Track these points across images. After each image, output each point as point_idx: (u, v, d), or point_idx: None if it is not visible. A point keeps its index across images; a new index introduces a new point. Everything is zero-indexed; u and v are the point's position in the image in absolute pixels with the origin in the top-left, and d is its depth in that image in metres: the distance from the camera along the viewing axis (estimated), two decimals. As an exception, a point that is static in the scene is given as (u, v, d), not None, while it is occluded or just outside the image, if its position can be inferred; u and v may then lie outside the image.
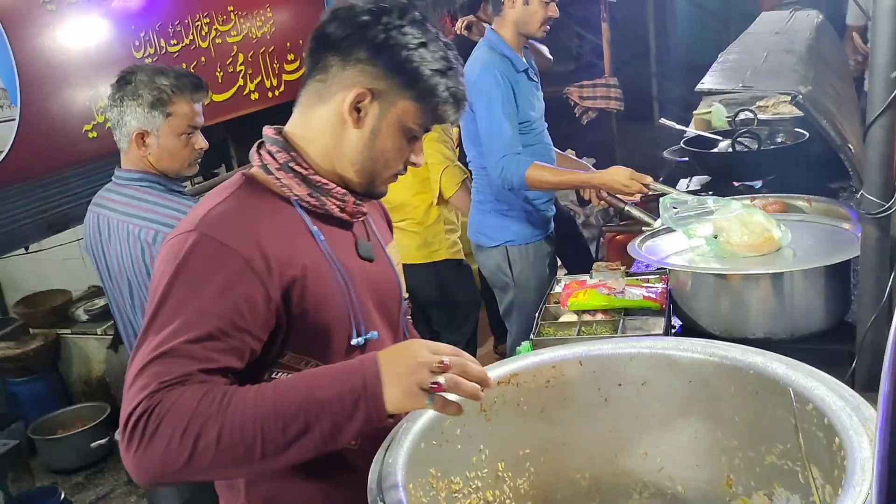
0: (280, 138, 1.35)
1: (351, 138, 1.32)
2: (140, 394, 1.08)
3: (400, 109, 1.30)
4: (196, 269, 1.19)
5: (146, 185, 2.29)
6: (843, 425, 1.02)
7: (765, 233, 1.88)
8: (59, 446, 4.44)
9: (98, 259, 2.38)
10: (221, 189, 1.34)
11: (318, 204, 1.34)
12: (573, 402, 1.35)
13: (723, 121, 3.86)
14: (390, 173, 1.37)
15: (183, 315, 1.15)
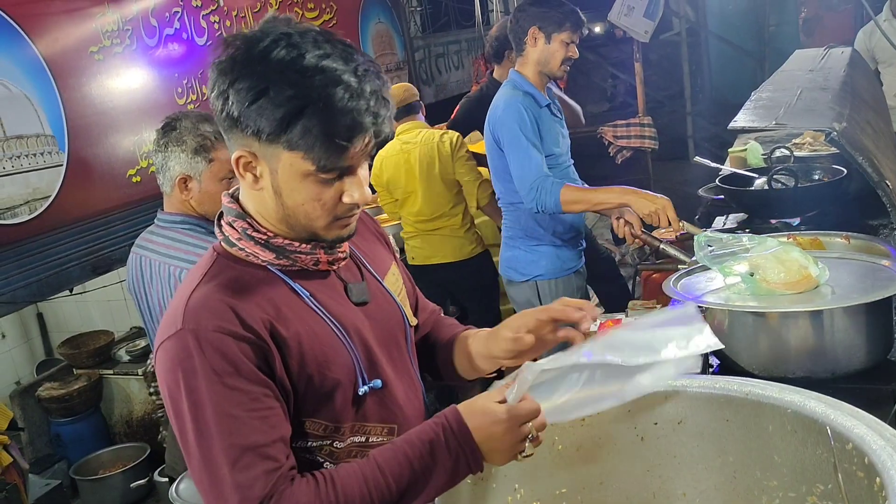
0: (234, 206, 1.32)
1: (263, 199, 1.27)
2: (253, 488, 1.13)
3: (285, 162, 1.20)
4: (202, 368, 1.17)
5: (187, 227, 2.35)
6: (883, 465, 1.00)
7: (802, 270, 1.86)
8: (100, 487, 4.49)
9: (140, 299, 2.44)
10: (195, 272, 1.31)
11: (289, 264, 1.29)
12: (609, 441, 1.35)
13: (758, 158, 3.84)
14: (324, 222, 1.26)
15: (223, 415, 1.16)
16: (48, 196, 2.92)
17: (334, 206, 1.24)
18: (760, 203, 3.18)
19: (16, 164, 2.79)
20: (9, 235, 2.82)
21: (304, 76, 1.15)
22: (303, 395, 1.26)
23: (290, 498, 1.13)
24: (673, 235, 3.39)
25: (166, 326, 1.23)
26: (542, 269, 3.15)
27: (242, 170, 1.23)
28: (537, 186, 2.89)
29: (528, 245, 3.16)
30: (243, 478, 1.13)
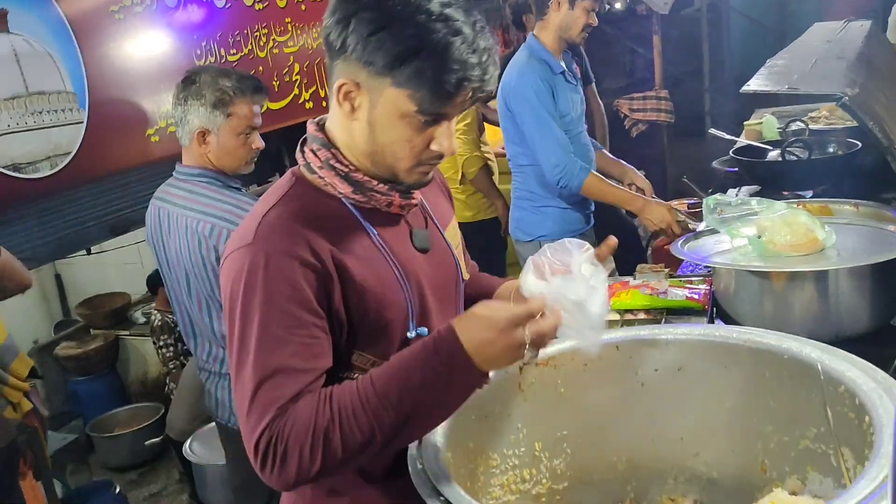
0: (321, 135, 1.33)
1: (355, 131, 1.28)
2: (260, 423, 1.17)
3: (389, 99, 1.21)
4: (263, 282, 1.21)
5: (205, 181, 2.39)
6: (873, 404, 1.04)
7: (808, 233, 1.88)
8: (115, 444, 4.58)
9: (158, 250, 2.49)
10: (273, 192, 1.34)
11: (364, 200, 1.32)
12: (610, 387, 1.38)
13: (774, 132, 3.84)
14: (407, 164, 1.28)
15: (268, 334, 1.20)
16: (68, 153, 2.95)
17: (421, 151, 1.27)
18: (773, 175, 3.19)
19: (37, 119, 2.83)
20: (30, 190, 2.86)
21: (428, 19, 1.17)
22: (356, 328, 1.29)
23: (294, 414, 1.16)
24: (684, 206, 3.42)
25: (238, 238, 1.28)
26: (547, 229, 3.21)
27: (342, 98, 1.25)
28: (563, 166, 3.01)
29: (534, 206, 3.24)
30: (267, 396, 1.17)
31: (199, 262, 2.33)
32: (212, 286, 2.35)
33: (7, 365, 2.68)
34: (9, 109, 2.74)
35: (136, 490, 4.42)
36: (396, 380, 1.15)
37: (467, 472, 1.20)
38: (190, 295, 2.42)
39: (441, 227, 1.50)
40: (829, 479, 1.17)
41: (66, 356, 4.89)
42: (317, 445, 1.14)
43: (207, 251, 2.30)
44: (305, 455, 1.14)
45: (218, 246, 2.29)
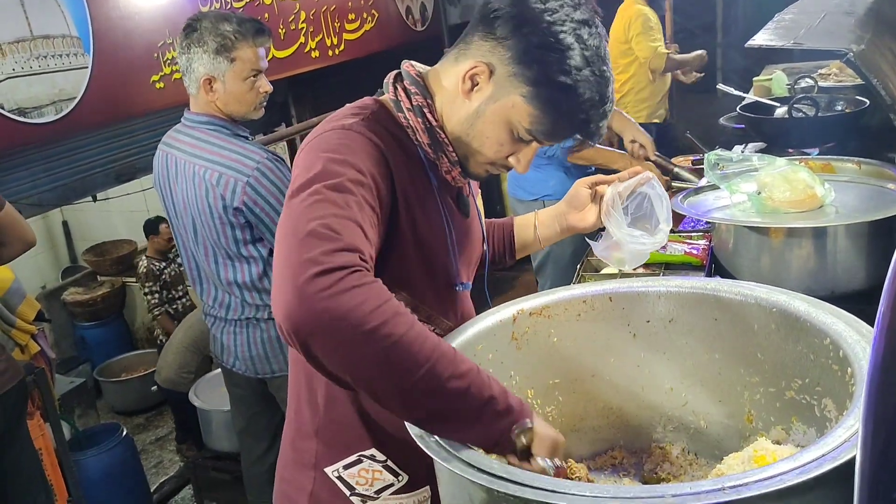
0: (420, 80, 1.33)
1: (460, 107, 1.29)
2: (335, 238, 1.05)
3: (511, 103, 1.23)
4: (357, 150, 1.19)
5: (213, 128, 2.38)
6: (856, 356, 1.05)
7: (808, 189, 1.89)
8: (121, 388, 4.67)
9: (165, 195, 2.50)
10: (356, 107, 1.32)
11: (433, 156, 1.33)
12: (602, 337, 1.40)
13: (783, 89, 3.81)
14: (485, 160, 1.31)
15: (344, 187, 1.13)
16: (73, 98, 2.96)
17: (502, 157, 1.30)
18: (779, 131, 3.17)
19: (42, 63, 2.83)
20: (36, 135, 2.88)
21: (590, 68, 1.19)
22: (399, 253, 1.28)
23: (376, 283, 1.04)
24: (688, 162, 3.41)
25: (327, 125, 1.26)
26: (551, 189, 3.21)
27: (468, 76, 1.25)
28: None
29: (538, 163, 3.21)
30: (348, 231, 1.07)
31: (205, 209, 2.34)
32: (218, 234, 2.37)
33: (14, 308, 2.73)
34: (13, 53, 2.74)
35: (142, 434, 4.51)
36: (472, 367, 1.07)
37: (459, 417, 1.23)
38: (196, 241, 2.44)
39: (475, 199, 1.54)
40: (812, 429, 1.19)
41: (73, 302, 4.95)
42: (382, 314, 1.01)
43: (215, 199, 2.31)
44: (367, 308, 1.00)
45: (225, 194, 2.29)
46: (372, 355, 1.01)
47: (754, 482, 0.84)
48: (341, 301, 0.99)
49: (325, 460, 1.43)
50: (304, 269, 1.01)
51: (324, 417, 1.42)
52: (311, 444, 1.44)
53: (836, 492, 0.86)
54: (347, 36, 4.52)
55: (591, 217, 1.60)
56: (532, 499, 0.87)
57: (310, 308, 0.99)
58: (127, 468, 3.54)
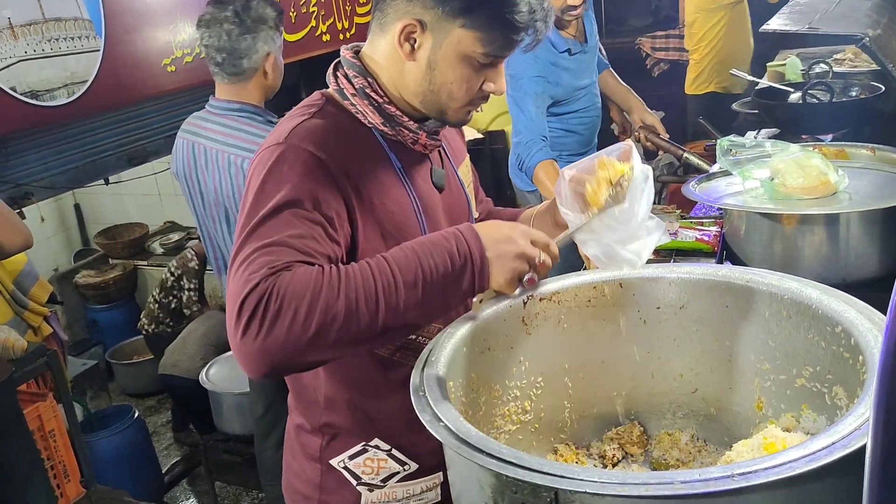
0: (357, 62, 1.33)
1: (410, 70, 1.28)
2: (251, 280, 1.07)
3: (455, 39, 1.23)
4: (287, 174, 1.20)
5: (245, 116, 2.34)
6: (867, 344, 1.05)
7: (821, 176, 1.87)
8: (133, 371, 4.69)
9: (191, 186, 2.44)
10: (304, 107, 1.34)
11: (391, 133, 1.33)
12: (612, 323, 1.40)
13: (797, 74, 3.78)
14: (459, 104, 1.31)
15: (279, 217, 1.16)
16: (85, 80, 2.96)
17: (475, 91, 1.30)
18: (793, 117, 3.14)
19: (54, 46, 2.83)
20: (48, 117, 2.88)
21: None
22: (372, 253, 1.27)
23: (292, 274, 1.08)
24: (701, 148, 3.39)
25: (271, 139, 1.28)
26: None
27: (403, 38, 1.25)
28: (528, 145, 2.92)
29: None
30: (263, 260, 1.10)
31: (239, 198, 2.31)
32: None
33: (27, 290, 2.75)
34: (25, 36, 2.74)
35: (154, 416, 4.54)
36: (415, 260, 1.12)
37: (469, 402, 1.23)
38: (227, 232, 2.40)
39: (455, 166, 1.52)
40: (822, 417, 1.19)
41: (85, 284, 4.97)
42: (314, 307, 1.05)
43: None
44: (300, 316, 1.04)
45: None
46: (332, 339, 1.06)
47: (764, 469, 0.83)
48: (277, 331, 1.04)
49: (330, 453, 1.44)
50: (234, 322, 1.06)
51: (324, 414, 1.44)
52: (315, 438, 1.46)
53: (847, 480, 0.86)
54: (359, 19, 4.50)
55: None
56: (541, 484, 0.88)
57: (258, 356, 1.05)
58: (138, 449, 3.57)
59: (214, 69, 2.36)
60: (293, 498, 1.54)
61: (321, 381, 1.42)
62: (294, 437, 1.53)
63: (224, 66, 2.34)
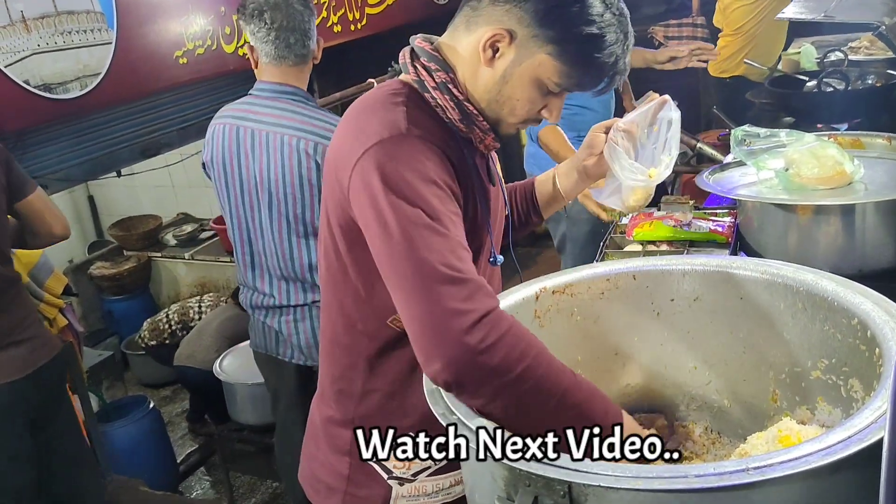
0: (437, 55, 1.31)
1: (483, 75, 1.27)
2: (474, 295, 1.09)
3: (537, 62, 1.22)
4: (426, 164, 1.18)
5: (297, 98, 2.33)
6: (884, 337, 1.04)
7: (836, 166, 1.86)
8: (149, 361, 4.71)
9: (229, 172, 2.39)
10: (388, 94, 1.30)
11: (466, 130, 1.31)
12: (626, 315, 1.39)
13: (812, 62, 3.75)
14: (517, 120, 1.31)
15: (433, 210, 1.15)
16: (98, 73, 2.97)
17: (534, 113, 1.30)
18: (807, 106, 3.13)
19: (66, 39, 2.84)
20: (62, 110, 2.89)
21: (611, 7, 1.22)
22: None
23: (510, 317, 1.11)
24: (715, 138, 3.37)
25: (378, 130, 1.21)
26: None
27: (487, 45, 1.24)
28: None
29: None
30: (462, 266, 1.11)
31: (295, 181, 2.27)
32: (303, 206, 2.30)
33: (42, 282, 2.77)
34: (38, 29, 2.75)
35: (169, 406, 4.57)
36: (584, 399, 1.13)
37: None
38: (270, 218, 2.35)
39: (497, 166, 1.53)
40: (838, 409, 1.18)
41: (100, 276, 5.00)
42: (525, 357, 1.08)
43: (309, 169, 2.25)
44: (514, 355, 1.07)
45: (321, 162, 2.23)
46: (514, 396, 1.08)
47: (779, 463, 0.83)
48: (494, 353, 1.06)
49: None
50: (453, 323, 1.07)
51: (359, 407, 1.43)
52: (347, 432, 1.45)
53: (863, 474, 0.85)
54: (370, 10, 4.49)
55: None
56: (554, 477, 0.88)
57: (468, 363, 1.06)
58: (154, 439, 3.60)
59: (283, 52, 2.32)
60: (316, 488, 1.54)
61: (359, 373, 1.42)
62: (321, 429, 1.53)
63: (295, 48, 2.32)
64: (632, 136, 1.46)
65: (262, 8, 2.28)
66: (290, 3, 2.29)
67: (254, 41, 2.33)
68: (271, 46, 2.30)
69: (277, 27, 2.28)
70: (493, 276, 1.45)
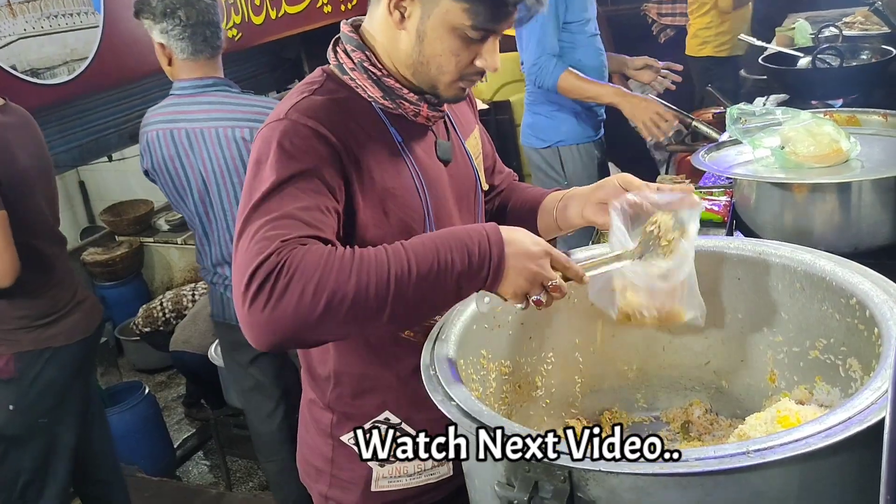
0: (355, 36, 1.32)
1: (401, 41, 1.27)
2: (261, 252, 1.07)
3: (444, 10, 1.21)
4: (289, 149, 1.20)
5: (221, 89, 2.35)
6: (883, 316, 1.04)
7: (832, 143, 1.84)
8: (143, 347, 4.69)
9: (175, 177, 2.41)
10: (305, 84, 1.34)
11: (392, 107, 1.32)
12: (623, 297, 1.38)
13: (806, 38, 3.73)
14: (451, 78, 1.28)
15: (282, 190, 1.15)
16: (85, 57, 2.94)
17: (466, 65, 1.27)
18: (802, 83, 3.11)
19: (53, 23, 2.80)
20: (50, 96, 2.86)
21: None
22: (376, 230, 1.28)
23: (303, 250, 1.07)
24: (710, 116, 3.35)
25: (272, 116, 1.27)
26: (564, 134, 3.20)
27: (392, 6, 1.24)
28: (540, 64, 2.99)
29: (550, 111, 3.20)
30: (272, 234, 1.10)
31: (240, 169, 2.32)
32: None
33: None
34: (24, 13, 2.72)
35: (164, 391, 4.57)
36: (433, 252, 1.09)
37: (479, 379, 1.23)
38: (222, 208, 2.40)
39: (462, 138, 1.50)
40: (836, 389, 1.18)
41: (92, 262, 4.97)
42: (324, 285, 1.04)
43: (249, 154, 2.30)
44: (308, 293, 1.03)
45: None
46: (341, 319, 1.05)
47: (779, 445, 0.83)
48: (285, 305, 1.04)
49: (341, 429, 1.44)
50: (242, 291, 1.06)
51: (333, 391, 1.43)
52: (327, 414, 1.46)
53: (862, 455, 0.85)
54: (360, -11, 4.46)
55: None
56: (553, 462, 0.87)
57: (265, 327, 1.05)
58: (150, 425, 3.60)
59: (200, 46, 2.32)
60: (307, 471, 1.55)
61: (330, 356, 1.42)
62: (307, 412, 1.54)
63: (211, 40, 2.35)
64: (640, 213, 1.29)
65: (173, 6, 2.28)
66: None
67: (166, 40, 2.32)
68: (188, 43, 2.31)
69: (193, 23, 2.29)
70: None
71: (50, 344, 2.42)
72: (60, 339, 2.45)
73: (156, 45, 2.35)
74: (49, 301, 2.43)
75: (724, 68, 4.99)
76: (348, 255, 1.08)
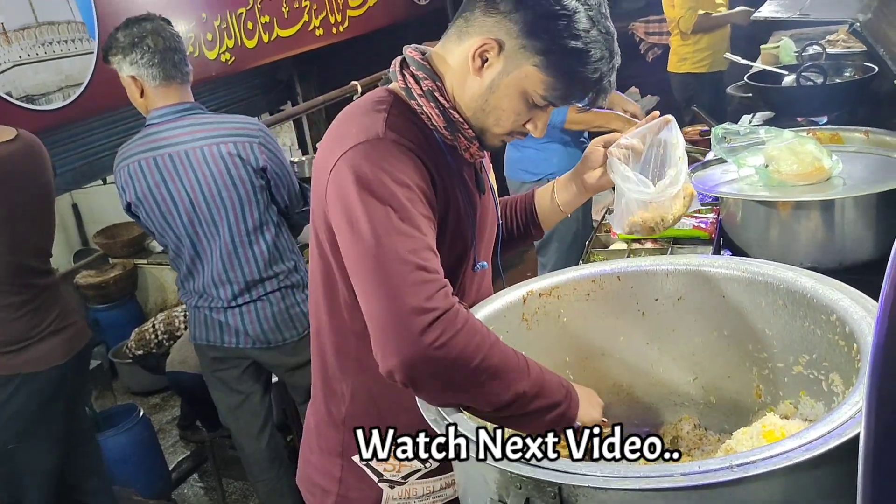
0: (426, 64, 1.34)
1: (471, 85, 1.29)
2: (430, 287, 1.12)
3: (524, 74, 1.25)
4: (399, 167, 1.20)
5: (197, 111, 2.43)
6: (861, 332, 1.07)
7: (815, 162, 1.88)
8: (137, 370, 4.68)
9: (162, 202, 2.42)
10: (374, 102, 1.32)
11: (451, 138, 1.33)
12: (611, 316, 1.42)
13: (791, 56, 3.78)
14: (502, 131, 1.33)
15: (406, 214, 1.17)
16: (80, 83, 2.97)
17: (519, 125, 1.32)
18: (787, 100, 3.16)
19: (48, 50, 2.84)
20: (45, 121, 2.89)
21: (598, 24, 1.23)
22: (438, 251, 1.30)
23: (466, 311, 1.14)
24: (696, 134, 3.40)
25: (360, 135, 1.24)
26: (555, 166, 3.22)
27: (476, 54, 1.26)
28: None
29: (540, 143, 3.22)
30: (425, 265, 1.14)
31: (229, 183, 2.38)
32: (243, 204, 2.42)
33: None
34: (19, 41, 2.75)
35: (159, 413, 4.56)
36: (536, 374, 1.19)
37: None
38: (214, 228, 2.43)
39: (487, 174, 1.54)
40: (820, 403, 1.21)
41: (86, 284, 4.97)
42: (482, 347, 1.12)
43: (237, 168, 2.38)
44: (472, 347, 1.11)
45: (248, 159, 2.38)
46: (471, 387, 1.13)
47: (762, 460, 0.86)
48: (451, 348, 1.10)
49: (352, 449, 1.45)
50: (412, 322, 1.10)
51: (349, 409, 1.44)
52: (338, 433, 1.46)
53: (843, 468, 0.88)
54: (351, 13, 4.49)
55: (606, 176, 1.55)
56: (544, 479, 0.90)
57: (424, 359, 1.10)
58: (145, 448, 3.59)
59: (171, 72, 2.36)
60: (311, 491, 1.55)
61: (348, 374, 1.43)
62: (314, 431, 1.54)
63: (180, 66, 2.40)
64: (637, 154, 1.47)
65: (140, 36, 2.33)
66: (163, 26, 2.37)
67: (136, 70, 2.35)
68: (158, 69, 2.35)
69: (162, 49, 2.34)
70: (481, 283, 1.47)
71: (20, 370, 2.40)
72: (30, 366, 2.41)
73: (125, 80, 2.38)
74: (23, 326, 2.40)
75: (702, 83, 5.11)
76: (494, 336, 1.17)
